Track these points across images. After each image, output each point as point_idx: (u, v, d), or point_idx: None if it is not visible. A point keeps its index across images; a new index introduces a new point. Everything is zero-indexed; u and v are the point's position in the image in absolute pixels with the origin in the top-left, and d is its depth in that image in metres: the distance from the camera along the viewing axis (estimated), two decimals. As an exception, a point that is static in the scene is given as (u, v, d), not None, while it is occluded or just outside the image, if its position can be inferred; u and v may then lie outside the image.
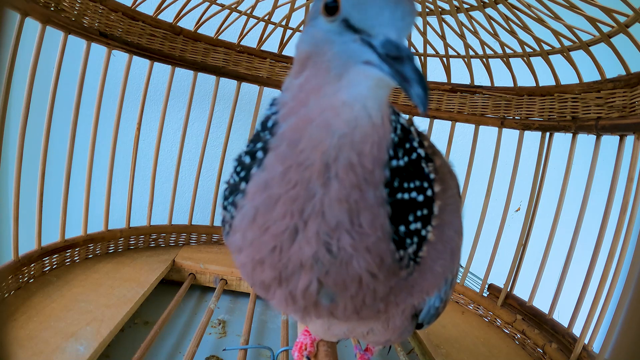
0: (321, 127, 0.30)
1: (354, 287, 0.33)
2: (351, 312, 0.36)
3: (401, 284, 0.37)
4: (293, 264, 0.33)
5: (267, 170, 0.33)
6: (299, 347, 0.63)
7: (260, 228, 0.33)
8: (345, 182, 0.31)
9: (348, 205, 0.31)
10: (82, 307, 0.79)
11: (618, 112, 0.81)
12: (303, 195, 0.31)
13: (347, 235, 0.32)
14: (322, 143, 0.30)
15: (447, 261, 0.41)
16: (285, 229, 0.32)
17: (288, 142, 0.32)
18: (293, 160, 0.31)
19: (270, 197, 0.32)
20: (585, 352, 0.80)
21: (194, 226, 1.24)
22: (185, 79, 1.23)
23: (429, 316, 0.46)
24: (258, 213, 0.33)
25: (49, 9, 0.80)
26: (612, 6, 0.71)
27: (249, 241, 0.34)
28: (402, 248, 0.35)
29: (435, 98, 1.17)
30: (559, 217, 0.96)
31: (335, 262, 0.32)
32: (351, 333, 0.50)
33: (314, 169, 0.31)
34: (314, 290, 0.33)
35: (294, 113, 0.32)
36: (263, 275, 0.35)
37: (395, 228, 0.34)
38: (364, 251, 0.32)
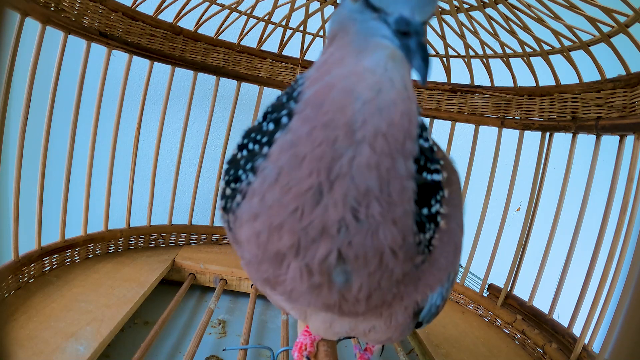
0: (343, 91, 0.31)
1: (374, 263, 0.33)
2: (364, 296, 0.35)
3: (412, 273, 0.37)
4: (315, 229, 0.31)
5: (292, 132, 0.33)
6: (299, 347, 0.63)
7: (283, 188, 0.32)
8: (376, 148, 0.31)
9: (378, 172, 0.31)
10: (82, 307, 0.79)
11: (618, 112, 0.81)
12: (329, 154, 0.31)
13: (376, 202, 0.31)
14: (346, 107, 0.31)
15: (450, 255, 0.41)
16: (309, 188, 0.31)
17: (312, 106, 0.32)
18: (317, 121, 0.31)
19: (295, 155, 0.32)
20: (585, 352, 0.80)
21: (194, 226, 1.24)
22: (185, 79, 1.23)
23: (430, 315, 0.46)
24: (282, 173, 0.32)
25: (49, 9, 0.80)
26: (612, 6, 0.71)
27: (268, 204, 0.33)
28: (422, 231, 0.35)
29: (435, 98, 1.17)
30: (559, 217, 0.96)
31: (360, 230, 0.31)
32: (353, 331, 0.49)
33: (339, 130, 0.31)
34: (332, 262, 0.32)
35: (317, 81, 0.33)
36: (280, 243, 0.33)
37: (418, 209, 0.34)
38: (391, 223, 0.32)
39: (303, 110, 0.33)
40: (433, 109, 1.18)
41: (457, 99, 1.15)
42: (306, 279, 0.34)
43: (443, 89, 1.16)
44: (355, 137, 0.31)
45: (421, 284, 0.40)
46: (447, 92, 1.16)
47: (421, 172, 0.35)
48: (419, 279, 0.39)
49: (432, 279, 0.41)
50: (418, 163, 0.34)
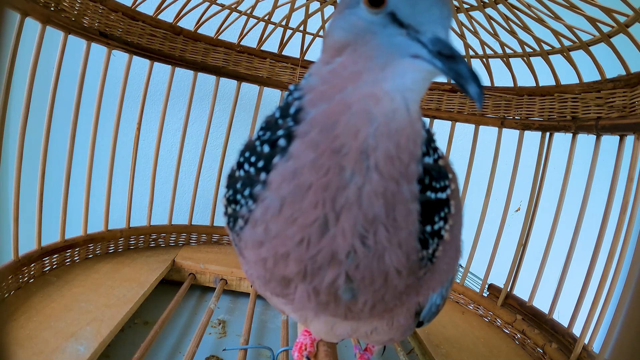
0: (360, 114, 0.30)
1: (379, 282, 0.33)
2: (369, 308, 0.35)
3: (415, 283, 0.37)
4: (323, 257, 0.31)
5: (294, 159, 0.31)
6: (299, 347, 0.63)
7: (287, 220, 0.31)
8: (385, 173, 0.30)
9: (385, 198, 0.31)
10: (82, 307, 0.79)
11: (618, 112, 0.81)
12: (335, 183, 0.30)
13: (383, 228, 0.31)
14: (361, 130, 0.30)
15: (452, 259, 0.41)
16: (314, 220, 0.30)
17: (321, 128, 0.30)
18: (326, 147, 0.30)
19: (299, 186, 0.30)
20: (585, 352, 0.80)
21: (194, 226, 1.24)
22: (185, 79, 1.23)
23: (430, 314, 0.46)
24: (285, 204, 0.31)
25: (49, 9, 0.80)
26: (612, 6, 0.71)
27: (273, 234, 0.32)
28: (425, 248, 0.35)
29: (435, 98, 1.17)
30: (559, 217, 0.96)
31: (368, 255, 0.32)
32: (354, 333, 0.49)
33: (350, 157, 0.30)
34: (340, 284, 0.33)
35: (326, 98, 0.31)
36: (286, 270, 0.33)
37: (422, 228, 0.34)
38: (397, 246, 0.32)
39: (308, 133, 0.31)
40: (433, 109, 1.18)
41: (457, 99, 1.15)
42: (314, 298, 0.34)
43: (443, 89, 1.16)
44: (365, 164, 0.30)
45: (423, 289, 0.40)
46: (447, 92, 1.16)
47: (425, 191, 0.34)
48: (421, 286, 0.39)
49: (434, 282, 0.41)
50: (422, 183, 0.34)
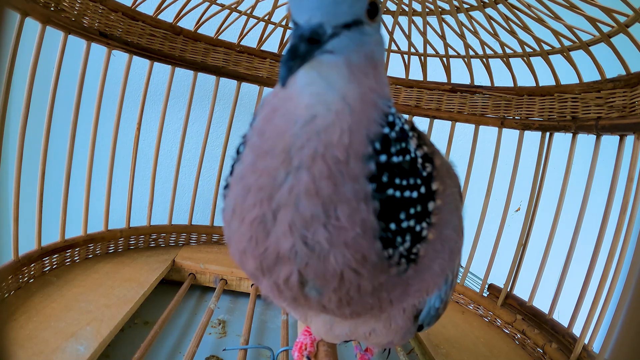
0: (284, 115, 0.31)
1: (335, 281, 0.33)
2: (337, 304, 0.35)
3: (394, 280, 0.36)
4: (271, 255, 0.33)
5: (242, 162, 0.34)
6: (299, 347, 0.63)
7: (239, 218, 0.34)
8: (315, 173, 0.30)
9: (320, 198, 0.30)
10: (82, 307, 0.79)
11: (618, 112, 0.81)
12: (269, 184, 0.31)
13: (322, 228, 0.31)
14: (286, 131, 0.31)
15: (445, 260, 0.40)
16: (254, 219, 0.32)
17: (257, 132, 0.33)
18: (260, 150, 0.32)
19: (244, 187, 0.33)
20: (585, 352, 0.80)
21: (194, 226, 1.24)
22: (185, 79, 1.23)
23: (429, 317, 0.45)
24: (236, 203, 0.34)
25: (49, 9, 0.80)
26: (612, 6, 0.71)
27: (233, 231, 0.35)
28: (391, 246, 0.34)
29: (435, 98, 1.17)
30: (559, 217, 0.96)
31: (312, 255, 0.32)
32: (353, 334, 0.49)
33: (277, 158, 0.31)
34: (295, 282, 0.33)
35: (266, 105, 0.34)
36: (248, 265, 0.35)
37: (385, 225, 0.33)
38: (342, 246, 0.31)
39: (250, 138, 0.34)
40: (433, 109, 1.18)
41: (457, 99, 1.15)
42: (277, 294, 0.35)
43: (443, 89, 1.16)
44: (292, 164, 0.30)
45: (413, 289, 0.39)
46: (447, 92, 1.16)
47: (385, 189, 0.32)
48: (408, 284, 0.38)
49: (426, 284, 0.40)
50: (379, 181, 0.32)
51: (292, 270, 0.33)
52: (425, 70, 1.18)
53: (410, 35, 1.12)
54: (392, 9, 1.08)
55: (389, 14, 1.09)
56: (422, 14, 1.04)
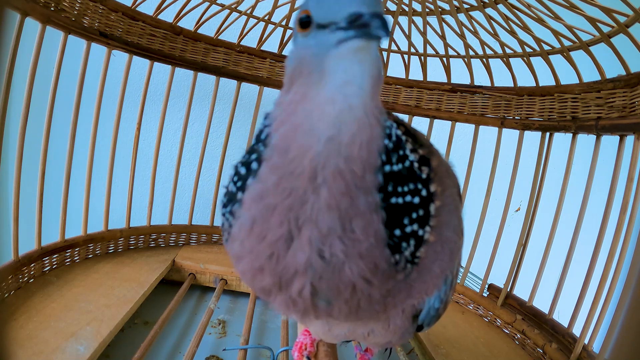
0: (307, 132, 0.31)
1: (347, 292, 0.34)
2: (347, 314, 0.36)
3: (400, 285, 0.37)
4: (290, 270, 0.33)
5: (261, 181, 0.34)
6: (299, 347, 0.63)
7: (258, 237, 0.34)
8: (334, 189, 0.31)
9: (338, 212, 0.31)
10: (82, 307, 0.79)
11: (618, 112, 0.81)
12: (297, 204, 0.32)
13: (338, 241, 0.32)
14: (310, 149, 0.31)
15: (445, 261, 0.40)
16: (280, 237, 0.33)
17: (279, 152, 0.32)
18: (285, 170, 0.32)
19: (266, 206, 0.33)
20: (585, 352, 0.80)
21: (194, 226, 1.24)
22: (185, 79, 1.23)
23: (429, 317, 0.46)
24: (255, 223, 0.34)
25: (49, 9, 0.80)
26: (612, 6, 0.71)
27: (247, 250, 0.35)
28: (397, 252, 0.35)
29: (435, 98, 1.17)
30: (559, 217, 0.96)
31: (327, 268, 0.32)
32: (352, 334, 0.50)
33: (303, 177, 0.31)
34: (307, 294, 0.34)
35: (284, 124, 0.33)
36: (263, 282, 0.35)
37: (390, 232, 0.34)
38: (357, 257, 0.32)
39: (271, 157, 0.33)
40: (433, 109, 1.18)
41: (457, 99, 1.15)
42: (292, 306, 0.36)
43: (443, 89, 1.16)
44: (317, 182, 0.31)
45: (414, 291, 0.40)
46: (447, 92, 1.16)
47: (389, 198, 0.34)
48: (411, 287, 0.39)
49: (426, 285, 0.40)
50: (385, 191, 0.34)
51: (305, 283, 0.33)
52: (425, 70, 1.18)
53: (410, 35, 1.12)
54: (392, 9, 1.08)
55: (389, 14, 1.09)
56: (422, 14, 1.04)
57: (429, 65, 1.18)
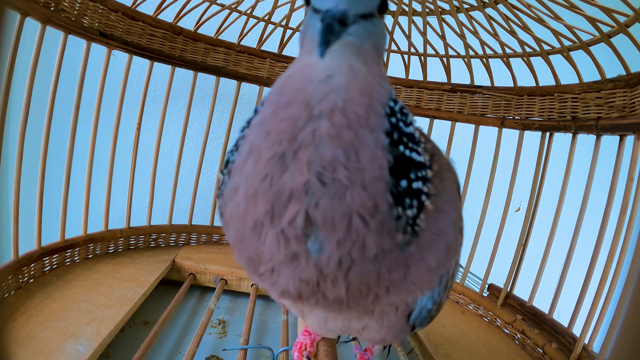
0: (300, 76, 0.35)
1: (342, 228, 0.33)
2: (336, 265, 0.34)
3: (396, 254, 0.36)
4: (284, 193, 0.33)
5: (261, 114, 0.37)
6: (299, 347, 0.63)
7: (254, 159, 0.35)
8: (335, 121, 0.33)
9: (341, 142, 0.32)
10: (82, 307, 0.79)
11: (618, 112, 0.81)
12: (290, 127, 0.33)
13: (342, 167, 0.32)
14: (303, 88, 0.34)
15: (442, 254, 0.40)
16: (274, 155, 0.33)
17: (276, 92, 0.36)
18: (280, 102, 0.35)
19: (262, 131, 0.35)
20: (585, 352, 0.80)
21: (194, 226, 1.24)
22: (185, 79, 1.23)
23: (421, 318, 0.45)
24: (253, 146, 0.35)
25: (49, 9, 0.80)
26: (612, 6, 0.71)
27: (245, 175, 0.35)
28: (400, 204, 0.34)
29: (435, 98, 1.17)
30: (559, 217, 0.96)
31: (327, 193, 0.32)
32: (347, 329, 0.50)
33: (297, 108, 0.33)
34: (300, 223, 0.33)
35: (283, 75, 0.38)
36: (256, 211, 0.34)
37: (396, 182, 0.34)
38: (359, 186, 0.32)
39: (269, 97, 0.37)
40: (433, 109, 1.18)
41: (457, 99, 1.15)
42: (283, 247, 0.34)
43: (443, 89, 1.16)
44: (313, 113, 0.33)
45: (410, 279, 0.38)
46: (447, 92, 1.16)
47: (396, 145, 0.35)
48: (407, 267, 0.37)
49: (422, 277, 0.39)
50: (391, 136, 0.35)
51: (299, 210, 0.33)
52: (425, 70, 1.18)
53: (410, 35, 1.12)
54: (392, 9, 1.08)
55: (389, 14, 1.09)
56: (422, 14, 1.04)
57: (429, 65, 1.18)
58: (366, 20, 0.35)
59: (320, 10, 0.34)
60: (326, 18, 0.32)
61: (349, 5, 0.33)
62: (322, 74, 0.34)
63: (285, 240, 0.34)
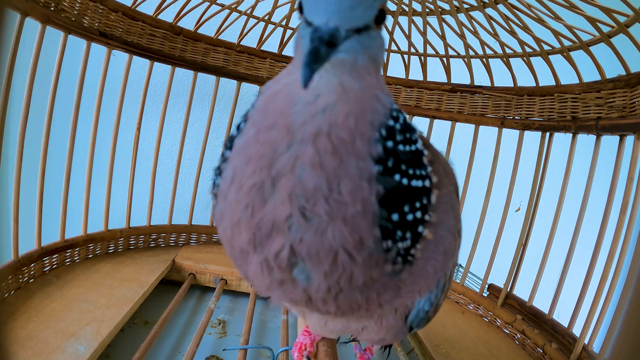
0: (285, 96, 0.33)
1: (327, 262, 0.32)
2: (325, 294, 0.34)
3: (386, 281, 0.36)
4: (266, 225, 0.33)
5: (243, 135, 0.35)
6: (299, 347, 0.63)
7: (237, 187, 0.34)
8: (319, 147, 0.31)
9: (324, 171, 0.31)
10: (82, 307, 0.79)
11: (618, 112, 0.81)
12: (269, 153, 0.32)
13: (323, 201, 0.31)
14: (287, 110, 0.32)
15: (439, 262, 0.39)
16: (253, 185, 0.33)
17: (259, 111, 0.35)
18: (262, 124, 0.33)
19: (244, 156, 0.34)
20: (585, 352, 0.80)
21: (194, 226, 1.24)
22: (185, 79, 1.23)
23: (418, 319, 0.45)
24: (235, 172, 0.34)
25: (49, 9, 0.80)
26: (612, 6, 0.71)
27: (229, 202, 0.35)
28: (390, 238, 0.33)
29: (435, 98, 1.17)
30: (558, 217, 0.96)
31: (309, 228, 0.32)
32: (347, 329, 0.50)
33: (279, 131, 0.32)
34: (285, 257, 0.33)
35: (268, 89, 0.36)
36: (240, 239, 0.35)
37: (387, 215, 0.33)
38: (340, 222, 0.31)
39: (253, 115, 0.35)
40: (433, 109, 1.18)
41: (457, 99, 1.15)
42: (267, 274, 0.35)
43: (443, 89, 1.16)
44: (295, 138, 0.32)
45: (404, 291, 0.38)
46: (447, 92, 1.16)
47: (391, 174, 0.33)
48: (399, 287, 0.37)
49: (418, 286, 0.39)
50: (384, 164, 0.33)
51: (285, 244, 0.32)
52: (425, 70, 1.18)
53: (410, 35, 1.12)
54: (392, 9, 1.08)
55: (389, 14, 1.09)
56: (422, 14, 1.04)
57: (429, 65, 1.18)
58: (361, 35, 0.31)
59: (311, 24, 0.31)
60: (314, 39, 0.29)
61: (341, 21, 0.30)
62: (309, 94, 0.32)
63: (268, 269, 0.34)
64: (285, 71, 0.35)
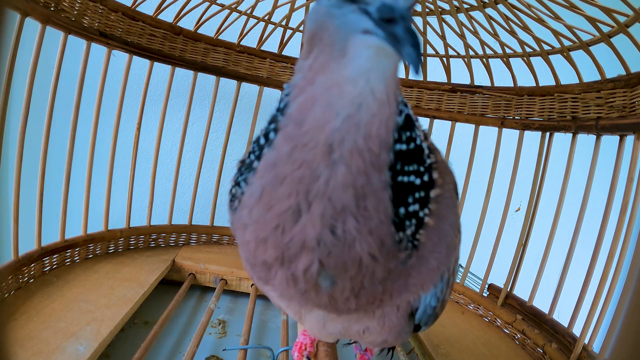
0: (325, 107, 0.30)
1: (354, 268, 0.34)
2: (349, 295, 0.36)
3: (399, 269, 0.37)
4: (295, 245, 0.33)
5: (275, 150, 0.33)
6: (299, 347, 0.63)
7: (265, 206, 0.33)
8: (352, 167, 0.31)
9: (354, 190, 0.31)
10: (82, 307, 0.79)
11: (618, 112, 0.81)
12: (308, 176, 0.31)
13: (352, 218, 0.32)
14: (327, 124, 0.30)
15: (442, 255, 0.41)
16: (288, 208, 0.32)
17: (294, 122, 0.32)
18: (298, 141, 0.31)
19: (276, 176, 0.32)
20: (585, 352, 0.80)
21: (194, 226, 1.24)
22: (185, 79, 1.23)
23: (426, 316, 0.45)
24: (264, 191, 0.33)
25: (49, 9, 0.80)
26: (612, 6, 0.71)
27: (254, 219, 0.34)
28: (401, 230, 0.35)
29: (435, 98, 1.17)
30: (559, 217, 0.96)
31: (338, 244, 0.32)
32: (347, 332, 0.49)
33: (318, 151, 0.30)
34: (314, 272, 0.33)
35: (302, 92, 0.32)
36: (265, 255, 0.35)
37: (395, 210, 0.35)
38: (367, 234, 0.33)
39: (286, 126, 0.32)
40: (433, 109, 1.18)
41: (457, 99, 1.15)
42: (292, 285, 0.35)
43: (443, 89, 1.16)
44: (332, 157, 0.30)
45: (411, 282, 0.40)
46: (447, 92, 1.16)
47: (397, 176, 0.35)
48: (409, 275, 0.39)
49: (423, 278, 0.41)
50: (394, 169, 0.34)
51: (313, 260, 0.33)
52: (425, 70, 1.18)
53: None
54: (392, 9, 1.08)
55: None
56: (422, 14, 1.04)
57: (429, 65, 1.18)
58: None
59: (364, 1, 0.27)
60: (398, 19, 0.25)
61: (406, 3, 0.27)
62: (352, 104, 0.29)
63: (294, 281, 0.35)
64: (318, 65, 0.31)
